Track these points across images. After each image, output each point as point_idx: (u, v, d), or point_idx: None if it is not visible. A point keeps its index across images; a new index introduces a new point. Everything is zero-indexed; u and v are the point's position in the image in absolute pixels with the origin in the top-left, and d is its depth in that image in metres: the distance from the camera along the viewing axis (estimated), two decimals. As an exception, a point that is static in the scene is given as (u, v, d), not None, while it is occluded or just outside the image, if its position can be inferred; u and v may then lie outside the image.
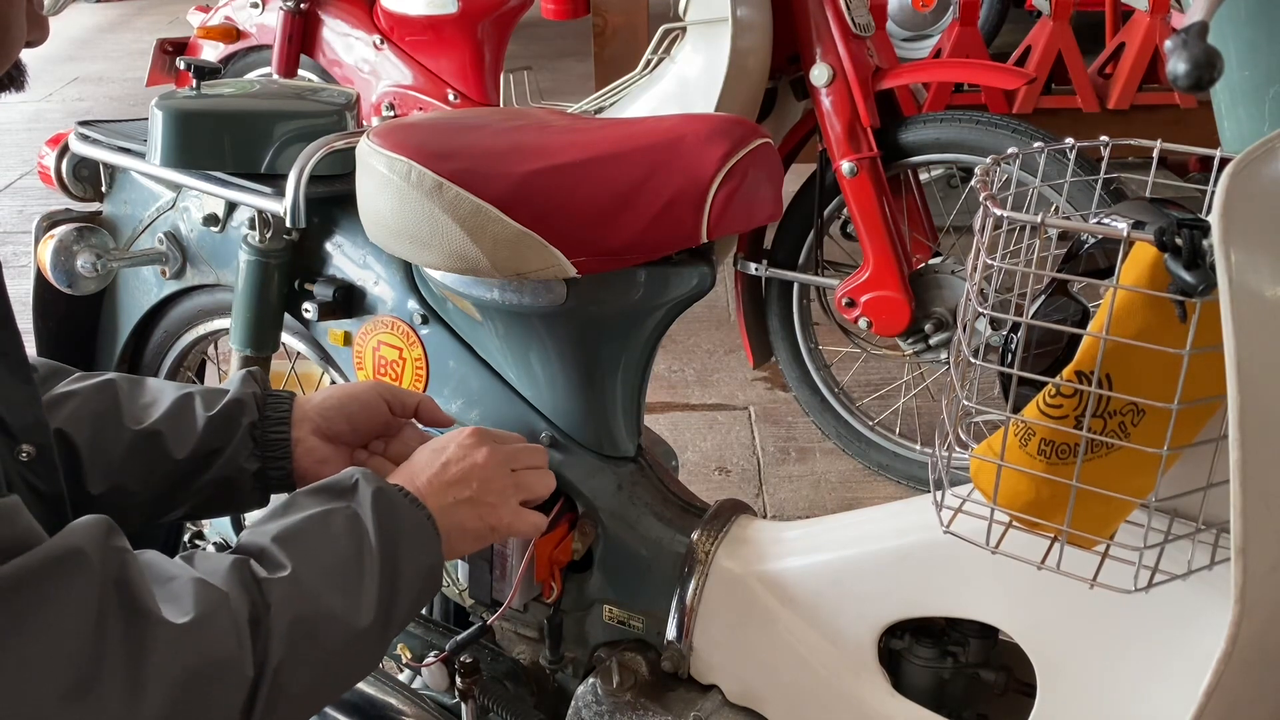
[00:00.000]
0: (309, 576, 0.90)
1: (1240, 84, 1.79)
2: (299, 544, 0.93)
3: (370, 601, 0.93)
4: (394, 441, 1.23)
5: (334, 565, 0.93)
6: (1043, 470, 0.96)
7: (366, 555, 0.95)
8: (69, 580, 0.78)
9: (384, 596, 0.94)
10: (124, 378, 1.17)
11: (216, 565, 0.88)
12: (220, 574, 0.87)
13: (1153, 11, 3.48)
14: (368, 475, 1.02)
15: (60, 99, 6.00)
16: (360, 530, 0.96)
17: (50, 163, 1.70)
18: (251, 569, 0.89)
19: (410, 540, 0.99)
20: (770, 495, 2.61)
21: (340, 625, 0.91)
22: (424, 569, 1.00)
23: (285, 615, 0.87)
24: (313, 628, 0.89)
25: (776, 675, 1.29)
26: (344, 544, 0.94)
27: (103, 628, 0.78)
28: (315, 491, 1.00)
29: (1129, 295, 0.91)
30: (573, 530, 1.35)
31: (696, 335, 3.29)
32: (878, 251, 2.42)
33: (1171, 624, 1.05)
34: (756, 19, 2.38)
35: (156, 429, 1.12)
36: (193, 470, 1.13)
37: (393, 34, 3.55)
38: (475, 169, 1.25)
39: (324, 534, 0.95)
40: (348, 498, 0.99)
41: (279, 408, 1.18)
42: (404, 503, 1.01)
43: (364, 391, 1.21)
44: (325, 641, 0.90)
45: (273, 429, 1.16)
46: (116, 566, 0.81)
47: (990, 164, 1.03)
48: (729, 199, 1.27)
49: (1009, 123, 2.33)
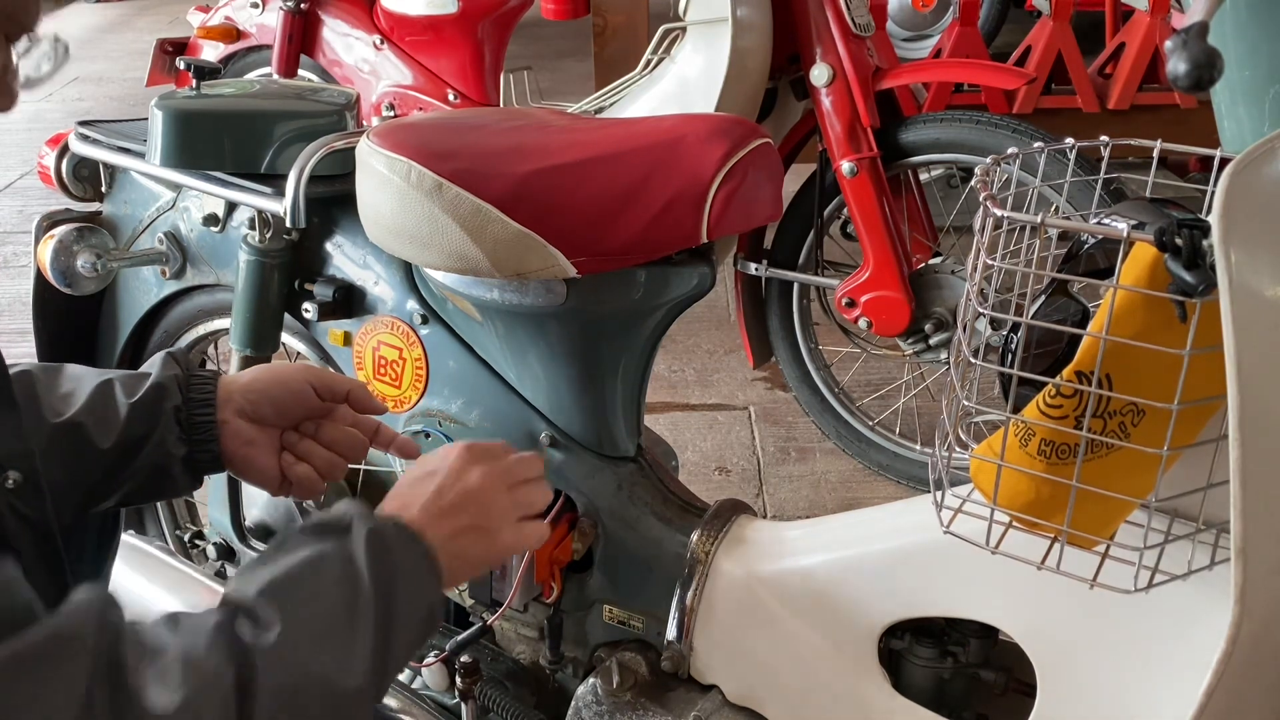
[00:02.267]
0: (297, 636, 0.85)
1: (1240, 84, 1.79)
2: (288, 596, 0.88)
3: (363, 656, 0.88)
4: (325, 424, 1.18)
5: (325, 620, 0.87)
6: (1043, 470, 0.96)
7: (361, 604, 0.89)
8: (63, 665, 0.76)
9: (378, 648, 0.89)
10: (41, 367, 1.13)
11: (200, 629, 0.83)
12: (204, 642, 0.82)
13: (1153, 11, 3.47)
14: (362, 514, 0.95)
15: (60, 99, 6.00)
16: (354, 576, 0.90)
17: (50, 163, 1.70)
18: (236, 633, 0.84)
19: (408, 581, 0.94)
20: (770, 495, 2.61)
21: (329, 688, 0.86)
22: (422, 611, 0.95)
23: (271, 682, 0.83)
24: (299, 694, 0.85)
25: (776, 675, 1.29)
26: (335, 594, 0.89)
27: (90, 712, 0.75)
28: (310, 531, 0.95)
29: (1129, 295, 0.91)
30: (573, 530, 1.35)
31: (696, 335, 3.28)
32: (878, 251, 2.42)
33: (1171, 624, 1.05)
34: (756, 19, 2.38)
35: (77, 420, 1.08)
36: (120, 459, 1.10)
37: (393, 34, 3.54)
38: (475, 169, 1.25)
39: (315, 583, 0.89)
40: (341, 538, 0.93)
41: (203, 389, 1.14)
42: (400, 541, 0.95)
43: (291, 377, 1.17)
44: (311, 707, 0.85)
45: (198, 411, 1.12)
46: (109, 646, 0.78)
47: (990, 164, 1.03)
48: (729, 199, 1.27)
49: (1009, 123, 2.33)
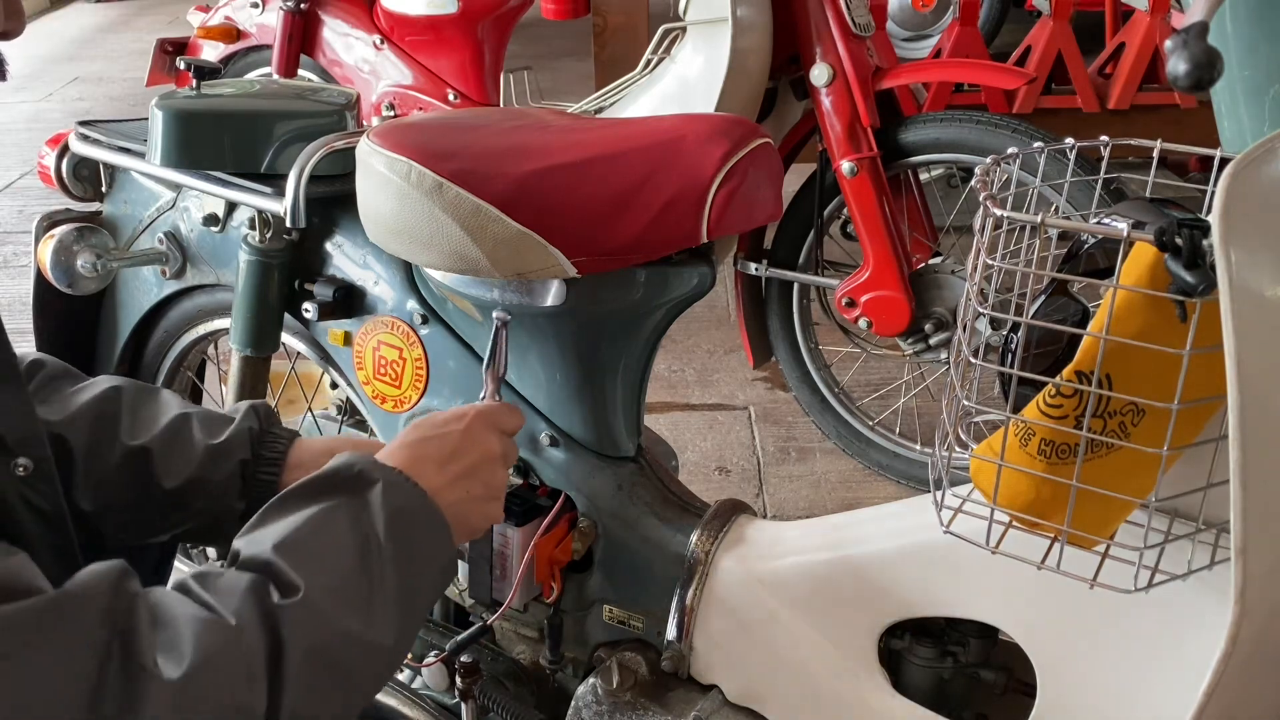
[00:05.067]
0: (321, 596, 0.84)
1: (1240, 84, 1.79)
2: (306, 554, 0.86)
3: (389, 614, 0.87)
4: None
5: (346, 578, 0.86)
6: (1043, 470, 0.96)
7: (381, 561, 0.88)
8: (75, 624, 0.75)
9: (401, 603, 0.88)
10: (134, 386, 1.11)
11: (232, 589, 0.82)
12: (234, 602, 0.81)
13: (1153, 11, 3.47)
14: (372, 463, 0.94)
15: (60, 99, 6.00)
16: (371, 532, 0.89)
17: (50, 162, 1.70)
18: (268, 595, 0.82)
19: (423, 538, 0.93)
20: (770, 495, 2.60)
21: (357, 645, 0.85)
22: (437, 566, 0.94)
23: (300, 645, 0.81)
24: (331, 655, 0.84)
25: (776, 675, 1.29)
26: (353, 551, 0.88)
27: (103, 679, 0.74)
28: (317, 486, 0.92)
29: (1129, 295, 0.91)
30: (573, 530, 1.35)
31: (696, 335, 3.28)
32: (878, 251, 2.42)
33: (1171, 624, 1.05)
34: (756, 19, 2.38)
35: (148, 447, 1.06)
36: (180, 500, 1.07)
37: (393, 34, 3.54)
38: (475, 169, 1.25)
39: (331, 540, 0.88)
40: (351, 492, 0.91)
41: (274, 448, 1.11)
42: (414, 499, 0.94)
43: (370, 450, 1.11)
44: (343, 665, 0.85)
45: (263, 470, 1.10)
46: (124, 616, 0.77)
47: (990, 164, 1.03)
48: (729, 199, 1.27)
49: (1009, 123, 2.33)
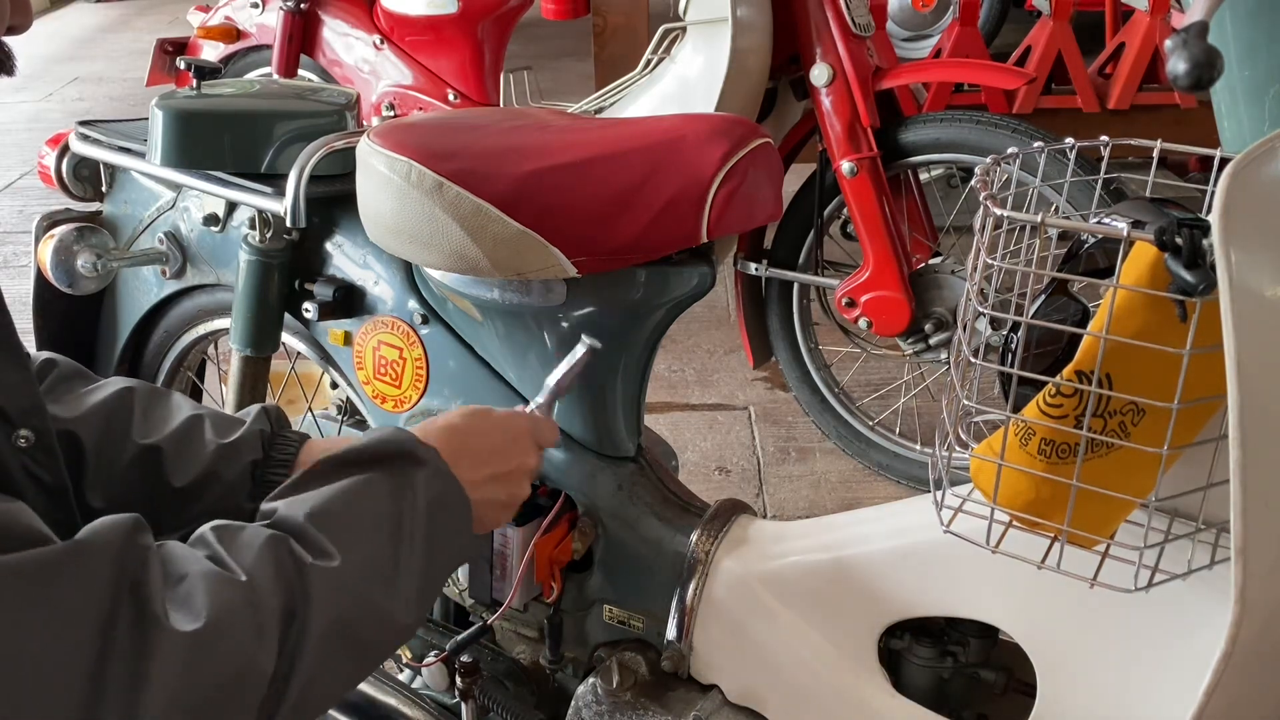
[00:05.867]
0: (354, 567, 0.84)
1: (1240, 84, 1.79)
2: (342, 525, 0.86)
3: (411, 594, 0.88)
4: None
5: (378, 552, 0.88)
6: (1043, 470, 0.96)
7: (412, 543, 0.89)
8: (85, 571, 0.75)
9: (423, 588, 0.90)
10: (147, 387, 1.12)
11: (249, 543, 0.82)
12: (252, 556, 0.80)
13: (1153, 11, 3.47)
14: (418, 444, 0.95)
15: (60, 99, 6.00)
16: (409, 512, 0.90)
17: (50, 162, 1.70)
18: (293, 551, 0.82)
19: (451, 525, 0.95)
20: (770, 495, 2.60)
21: (380, 620, 0.86)
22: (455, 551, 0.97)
23: (326, 614, 0.82)
24: (353, 628, 0.84)
25: (776, 675, 1.29)
26: (388, 528, 0.89)
27: (113, 627, 0.74)
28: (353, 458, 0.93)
29: (1129, 295, 0.91)
30: (573, 530, 1.35)
31: (696, 335, 3.29)
32: (878, 251, 2.42)
33: (1171, 624, 1.05)
34: (756, 19, 2.38)
35: (159, 445, 1.07)
36: (189, 499, 1.08)
37: (393, 34, 3.54)
38: (475, 169, 1.25)
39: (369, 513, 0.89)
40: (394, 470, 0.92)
41: (284, 450, 1.12)
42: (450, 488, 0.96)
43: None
44: (364, 639, 0.85)
45: (273, 471, 1.11)
46: (135, 566, 0.77)
47: (990, 164, 1.03)
48: (729, 199, 1.27)
49: (1009, 123, 2.33)
